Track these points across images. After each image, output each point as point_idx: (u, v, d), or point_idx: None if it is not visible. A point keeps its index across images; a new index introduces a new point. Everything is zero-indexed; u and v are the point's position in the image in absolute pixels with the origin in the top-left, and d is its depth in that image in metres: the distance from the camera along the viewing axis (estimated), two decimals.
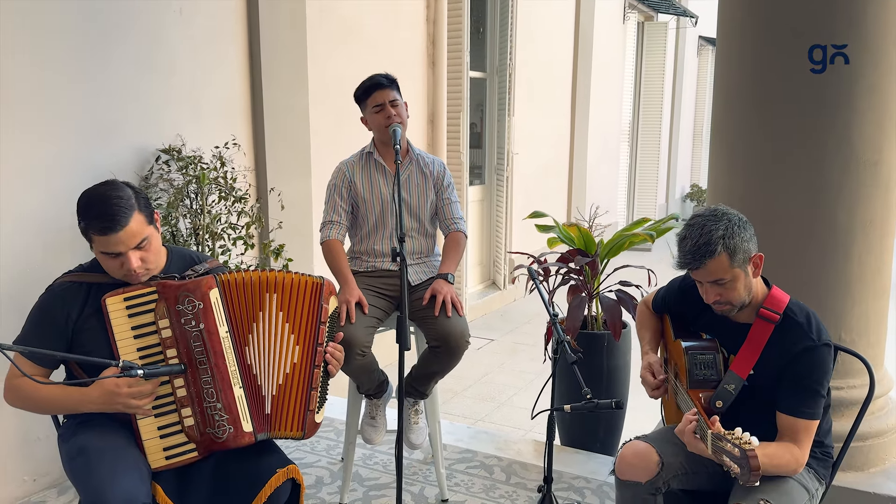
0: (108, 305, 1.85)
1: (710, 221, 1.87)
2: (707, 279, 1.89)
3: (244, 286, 1.94)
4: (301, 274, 2.00)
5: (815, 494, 1.93)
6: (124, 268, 1.86)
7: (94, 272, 1.95)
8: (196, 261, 2.07)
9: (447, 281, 2.68)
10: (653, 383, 2.11)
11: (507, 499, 2.91)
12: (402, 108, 2.73)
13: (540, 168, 7.70)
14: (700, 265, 1.86)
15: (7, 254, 2.74)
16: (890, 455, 2.69)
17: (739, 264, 1.86)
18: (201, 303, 1.88)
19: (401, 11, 5.29)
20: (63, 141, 2.90)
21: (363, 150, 2.85)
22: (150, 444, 1.86)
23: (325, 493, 2.95)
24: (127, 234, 1.83)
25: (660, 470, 1.95)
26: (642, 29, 10.82)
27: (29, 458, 2.91)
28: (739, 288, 1.89)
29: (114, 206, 1.83)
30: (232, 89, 3.66)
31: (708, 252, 1.83)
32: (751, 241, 1.89)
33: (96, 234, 1.83)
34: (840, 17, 2.45)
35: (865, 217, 2.55)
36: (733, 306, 1.92)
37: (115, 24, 3.03)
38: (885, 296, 2.71)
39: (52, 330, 1.87)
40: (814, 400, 1.83)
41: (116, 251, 1.84)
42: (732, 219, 1.88)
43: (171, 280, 1.90)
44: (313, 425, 1.98)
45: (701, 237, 1.85)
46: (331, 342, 2.03)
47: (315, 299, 1.98)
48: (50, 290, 1.92)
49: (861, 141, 2.50)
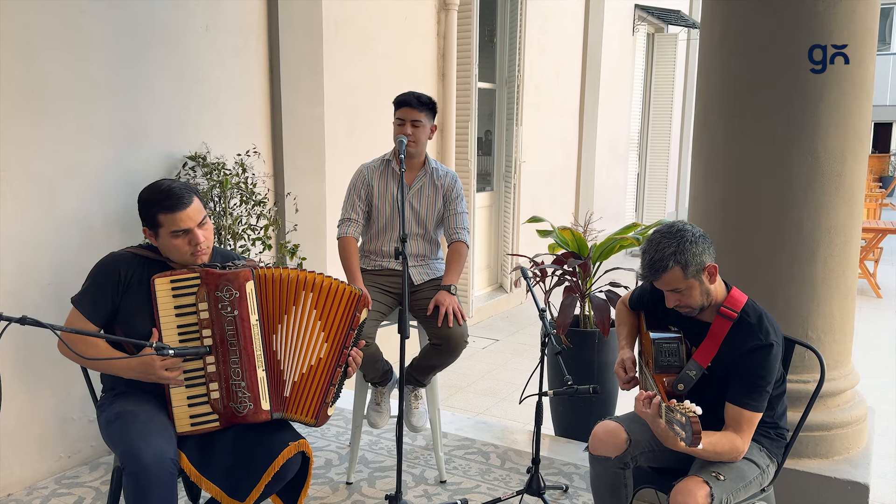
0: (157, 285, 2.11)
1: (665, 238, 2.09)
2: (665, 288, 2.13)
3: (279, 282, 2.19)
4: (341, 281, 2.23)
5: (765, 470, 2.16)
6: (191, 244, 2.14)
7: (148, 250, 2.23)
8: (235, 258, 2.35)
9: (450, 292, 2.91)
10: (623, 377, 2.35)
11: (501, 481, 3.15)
12: (422, 129, 2.93)
13: (548, 175, 7.93)
14: (656, 278, 2.10)
15: (49, 249, 3.03)
16: (854, 445, 2.90)
17: (693, 275, 2.08)
18: (238, 292, 2.13)
19: (412, 26, 5.56)
20: (99, 147, 3.18)
21: (384, 157, 3.11)
22: (179, 411, 2.11)
23: (334, 473, 3.20)
24: (193, 210, 2.12)
25: (628, 447, 2.18)
26: (652, 40, 11.03)
27: (65, 436, 3.18)
28: (696, 295, 2.12)
29: (179, 188, 2.13)
30: (253, 99, 3.94)
31: (661, 267, 2.07)
32: (704, 254, 2.09)
33: (166, 214, 2.11)
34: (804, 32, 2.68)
35: (829, 224, 2.77)
36: (693, 309, 2.16)
37: (146, 40, 3.32)
38: (851, 297, 2.92)
39: (108, 287, 2.15)
40: (758, 394, 2.06)
41: (186, 227, 2.12)
42: (686, 235, 2.08)
43: (214, 269, 2.15)
44: (325, 416, 2.22)
45: (655, 253, 2.08)
46: (354, 347, 2.26)
47: (350, 307, 2.21)
48: (110, 255, 2.21)
49: (825, 153, 2.73)
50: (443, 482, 3.12)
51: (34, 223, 2.98)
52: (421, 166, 3.06)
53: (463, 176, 6.33)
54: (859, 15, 2.69)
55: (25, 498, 2.97)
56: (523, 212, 7.23)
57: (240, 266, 2.21)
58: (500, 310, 7.12)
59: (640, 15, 10.04)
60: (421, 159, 3.05)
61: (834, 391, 2.89)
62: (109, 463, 3.26)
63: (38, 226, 2.99)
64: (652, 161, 11.39)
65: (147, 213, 2.15)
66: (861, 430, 2.94)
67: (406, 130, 2.92)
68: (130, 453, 1.94)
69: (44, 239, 3.02)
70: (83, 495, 2.99)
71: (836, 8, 2.65)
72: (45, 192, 3.00)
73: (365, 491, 3.05)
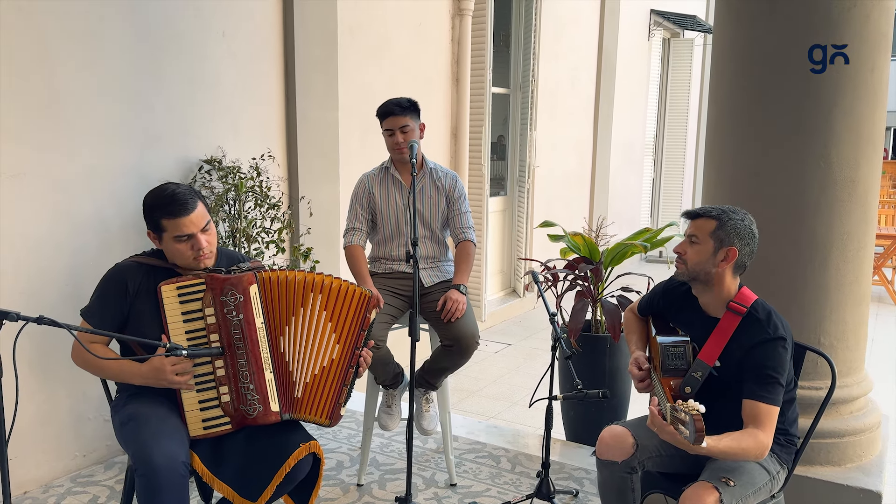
0: (164, 292, 2.13)
1: (730, 208, 2.20)
2: (689, 231, 2.20)
3: (284, 284, 2.21)
4: (350, 283, 2.26)
5: (775, 476, 2.15)
6: (194, 249, 2.16)
7: (156, 258, 2.25)
8: (240, 260, 2.37)
9: (460, 291, 2.94)
10: (638, 375, 2.34)
11: (511, 485, 3.15)
12: (412, 132, 2.95)
13: (562, 180, 7.93)
14: (694, 215, 2.20)
15: (66, 251, 3.08)
16: (867, 452, 2.88)
17: (716, 239, 2.14)
18: (242, 296, 2.15)
19: (427, 31, 5.59)
20: (116, 151, 3.23)
21: (382, 165, 3.13)
22: (191, 415, 2.14)
23: (345, 475, 3.22)
24: (197, 216, 2.14)
25: (634, 451, 2.19)
26: (668, 45, 11.00)
27: (80, 436, 3.23)
28: (702, 253, 2.17)
29: (183, 194, 2.15)
30: (268, 104, 3.98)
31: (706, 212, 2.18)
32: (738, 238, 2.15)
33: (170, 219, 2.13)
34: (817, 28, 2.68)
35: (843, 230, 2.76)
36: (686, 267, 2.20)
37: (163, 46, 3.37)
38: (865, 303, 2.90)
39: (116, 299, 2.18)
40: (772, 387, 2.05)
41: (189, 233, 2.14)
42: (744, 218, 2.18)
43: (219, 274, 2.18)
44: (338, 416, 2.24)
45: (714, 208, 2.19)
46: (365, 347, 2.28)
47: (360, 308, 2.23)
48: (116, 266, 2.24)
49: (838, 158, 2.72)
50: (453, 485, 3.13)
51: (52, 225, 3.03)
52: (420, 167, 3.08)
53: (476, 180, 6.35)
54: (873, 20, 2.68)
55: (41, 496, 3.01)
56: (537, 217, 7.23)
57: (244, 269, 2.23)
58: (513, 314, 7.12)
59: (656, 20, 10.02)
60: (420, 159, 3.07)
61: (846, 398, 2.87)
62: (124, 462, 3.30)
63: (56, 228, 3.04)
64: (667, 166, 11.34)
65: (151, 217, 2.17)
66: (874, 437, 2.92)
67: (398, 139, 2.94)
68: (142, 456, 1.96)
69: (62, 241, 3.06)
70: (98, 494, 3.03)
71: (849, 13, 2.64)
72: (63, 195, 3.05)
73: (375, 493, 3.06)
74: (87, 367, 2.18)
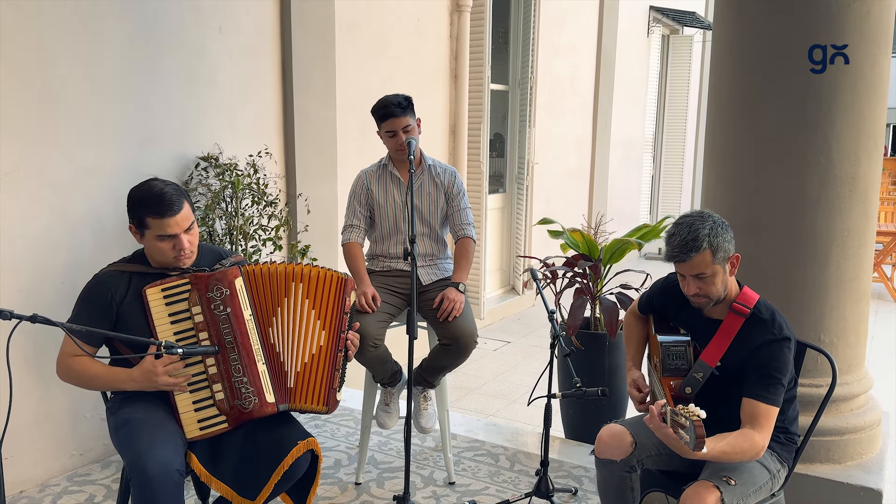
0: (148, 295, 2.12)
1: (697, 221, 2.09)
2: (690, 272, 2.10)
3: (268, 276, 2.21)
4: (327, 269, 2.26)
5: (776, 475, 2.14)
6: (176, 249, 2.13)
7: (135, 263, 2.23)
8: (222, 255, 2.35)
9: (458, 290, 2.92)
10: (638, 397, 2.32)
11: (510, 483, 3.14)
12: (413, 130, 2.92)
13: (561, 177, 7.92)
14: (686, 258, 2.07)
15: (63, 248, 3.06)
16: (868, 450, 2.86)
17: (720, 261, 2.08)
18: (228, 290, 2.15)
19: (425, 28, 5.57)
20: (113, 148, 3.21)
21: (380, 162, 3.11)
22: (186, 417, 2.12)
23: (343, 473, 3.21)
24: (182, 217, 2.12)
25: (633, 450, 2.17)
26: (667, 42, 10.97)
27: (77, 434, 3.21)
28: (717, 283, 2.10)
29: (170, 193, 2.12)
30: (266, 101, 3.96)
31: (694, 247, 2.05)
32: (730, 243, 2.11)
33: (155, 218, 2.10)
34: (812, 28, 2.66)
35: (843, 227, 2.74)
36: (710, 300, 2.13)
37: (160, 43, 3.35)
38: (865, 300, 2.89)
39: (100, 310, 2.13)
40: (774, 387, 2.03)
41: (172, 233, 2.11)
42: (717, 221, 2.11)
43: (203, 272, 2.17)
44: (335, 402, 2.24)
45: (689, 234, 2.07)
46: (350, 330, 2.29)
47: (340, 292, 2.25)
48: (97, 277, 2.19)
49: (839, 155, 2.70)
50: (451, 484, 3.12)
51: (49, 223, 3.01)
52: (418, 163, 3.07)
53: (475, 177, 6.33)
54: (874, 16, 2.66)
55: (38, 495, 3.00)
56: (536, 214, 7.21)
57: (227, 265, 2.22)
58: (511, 312, 7.10)
59: (655, 17, 9.99)
60: (418, 156, 3.06)
61: (847, 396, 2.85)
62: (120, 461, 3.27)
63: (53, 226, 3.02)
64: (667, 163, 11.33)
65: (136, 212, 2.14)
66: (875, 435, 2.91)
67: (401, 140, 2.91)
68: (136, 467, 1.94)
69: (58, 239, 3.05)
70: (94, 493, 3.02)
71: (850, 9, 2.63)
72: (59, 193, 3.03)
73: (374, 491, 3.05)
74: (75, 379, 2.13)
